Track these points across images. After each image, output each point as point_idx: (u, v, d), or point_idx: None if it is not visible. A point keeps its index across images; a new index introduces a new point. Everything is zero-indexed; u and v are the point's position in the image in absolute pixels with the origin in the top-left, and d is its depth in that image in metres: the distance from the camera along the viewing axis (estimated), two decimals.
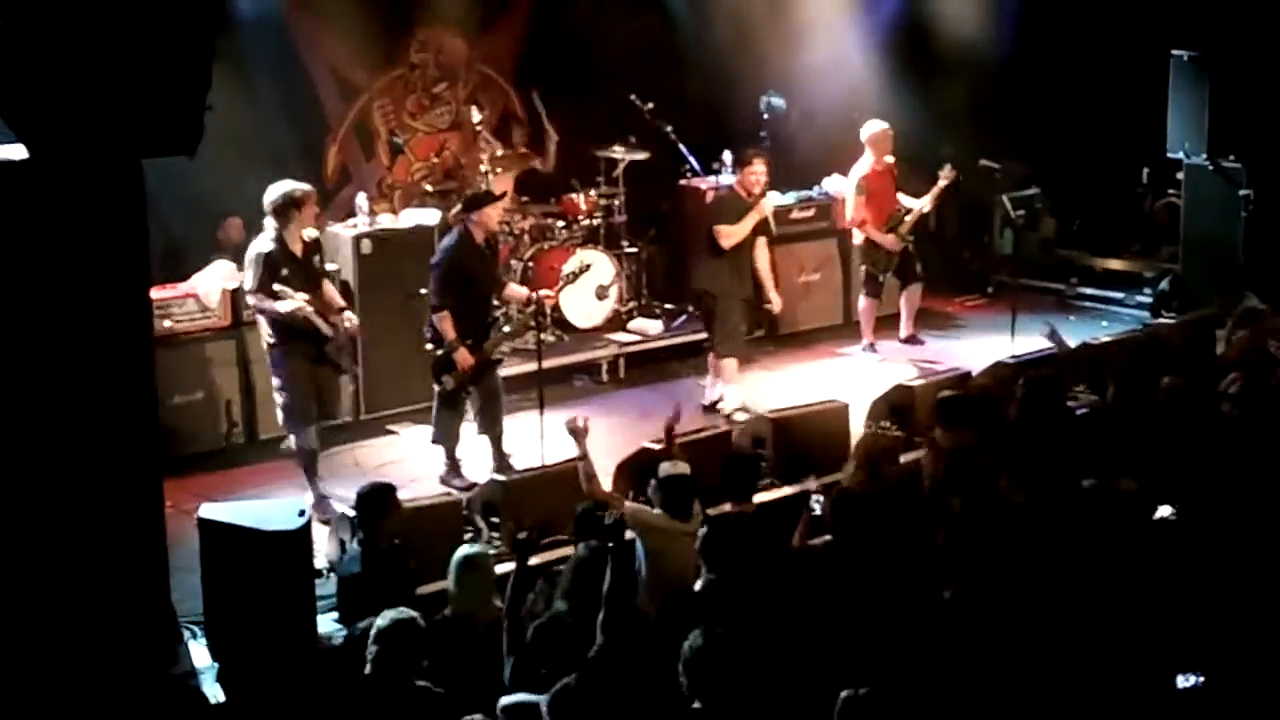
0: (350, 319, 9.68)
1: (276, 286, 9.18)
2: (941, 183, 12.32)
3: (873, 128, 12.43)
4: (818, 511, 8.10)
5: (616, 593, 6.58)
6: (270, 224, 9.34)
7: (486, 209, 9.89)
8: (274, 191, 9.34)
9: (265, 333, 9.50)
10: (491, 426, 10.04)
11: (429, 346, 9.98)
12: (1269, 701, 5.77)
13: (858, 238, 12.72)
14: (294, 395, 9.42)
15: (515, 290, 10.61)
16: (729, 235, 11.13)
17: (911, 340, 12.84)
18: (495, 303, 10.25)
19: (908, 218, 12.39)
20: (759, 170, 11.27)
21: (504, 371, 10.29)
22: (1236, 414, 8.59)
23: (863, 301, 12.77)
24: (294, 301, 9.20)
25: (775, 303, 11.79)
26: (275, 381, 9.51)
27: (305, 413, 9.47)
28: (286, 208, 9.28)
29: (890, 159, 12.48)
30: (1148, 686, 5.83)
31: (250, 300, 9.47)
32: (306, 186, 9.48)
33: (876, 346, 12.68)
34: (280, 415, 9.61)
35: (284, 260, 9.28)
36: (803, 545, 7.71)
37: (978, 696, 5.84)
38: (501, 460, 10.00)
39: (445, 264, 9.85)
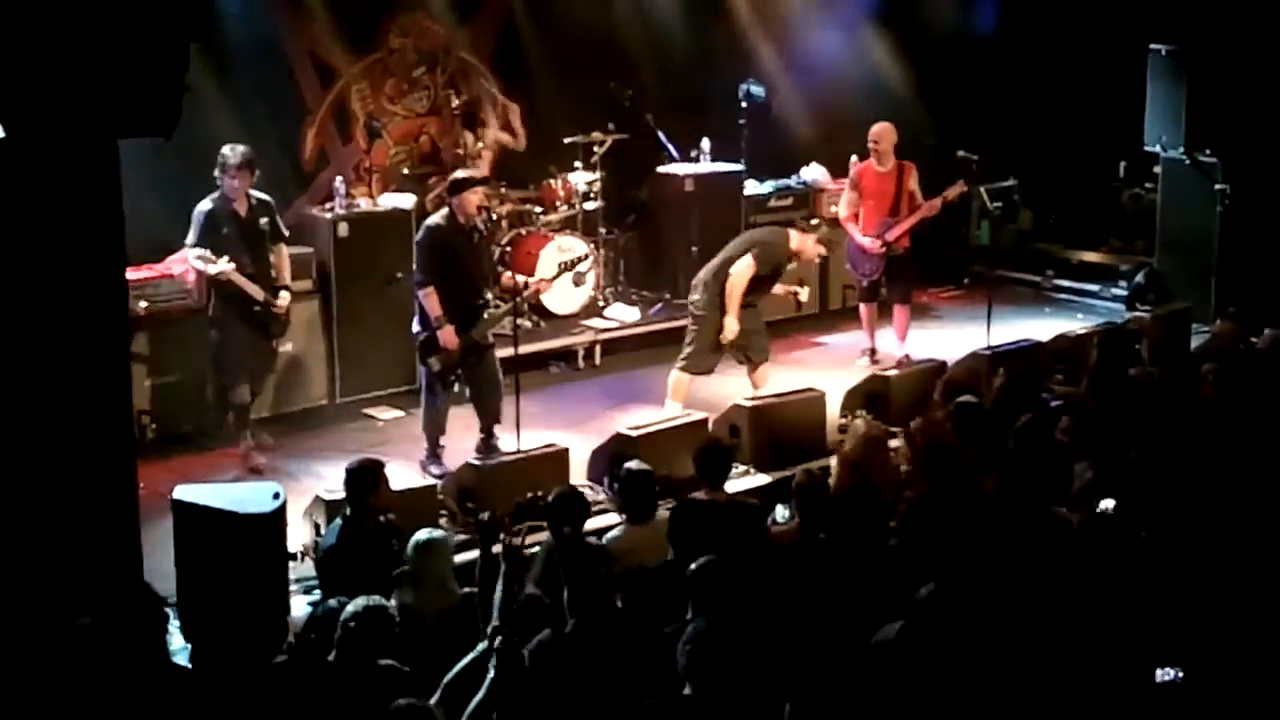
0: (283, 296, 10.03)
1: (198, 250, 9.59)
2: (948, 194, 11.91)
3: (876, 126, 11.98)
4: (781, 525, 8.00)
5: (578, 574, 6.48)
6: (217, 183, 9.77)
7: (466, 194, 9.82)
8: (221, 152, 9.73)
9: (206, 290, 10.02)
10: (488, 413, 9.98)
11: (415, 328, 9.92)
12: (1247, 696, 5.79)
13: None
14: (225, 353, 9.93)
15: (510, 281, 10.44)
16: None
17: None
18: (486, 292, 10.10)
19: (901, 223, 11.85)
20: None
21: None
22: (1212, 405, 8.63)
23: (861, 307, 12.40)
24: (218, 265, 9.61)
25: None
26: (212, 335, 9.96)
27: (236, 369, 9.97)
28: (221, 168, 9.68)
29: (906, 163, 11.95)
30: (1126, 681, 5.84)
31: (189, 255, 9.83)
32: (242, 148, 9.75)
33: (878, 354, 12.20)
34: (216, 371, 10.09)
35: (226, 219, 9.71)
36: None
37: (956, 691, 5.84)
38: (489, 447, 9.91)
39: (428, 240, 9.83)
